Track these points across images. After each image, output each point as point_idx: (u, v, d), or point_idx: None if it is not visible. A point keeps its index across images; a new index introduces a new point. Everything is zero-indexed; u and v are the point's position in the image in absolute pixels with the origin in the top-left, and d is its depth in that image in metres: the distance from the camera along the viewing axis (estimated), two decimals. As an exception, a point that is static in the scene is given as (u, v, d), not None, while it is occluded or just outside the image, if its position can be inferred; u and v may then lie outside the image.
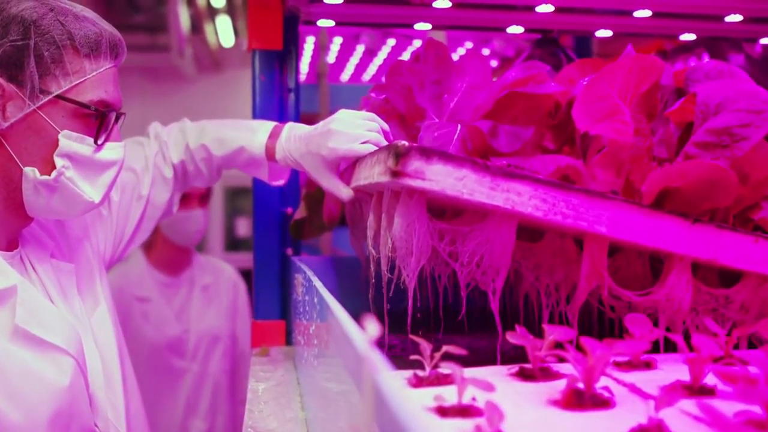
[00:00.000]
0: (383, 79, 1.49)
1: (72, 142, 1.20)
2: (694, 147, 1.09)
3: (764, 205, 1.17)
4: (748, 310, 1.13)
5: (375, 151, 1.17)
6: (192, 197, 2.71)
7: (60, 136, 1.19)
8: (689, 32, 1.88)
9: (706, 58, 1.81)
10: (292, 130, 1.46)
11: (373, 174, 1.12)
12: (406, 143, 1.00)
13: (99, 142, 1.22)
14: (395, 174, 1.00)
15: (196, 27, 5.86)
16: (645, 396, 0.88)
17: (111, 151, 1.25)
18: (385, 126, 1.35)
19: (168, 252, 2.82)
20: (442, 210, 1.17)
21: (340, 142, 1.32)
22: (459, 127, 1.27)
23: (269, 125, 1.50)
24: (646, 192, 1.10)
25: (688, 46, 1.91)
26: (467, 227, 1.08)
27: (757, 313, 1.13)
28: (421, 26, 1.87)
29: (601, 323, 1.28)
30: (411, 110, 1.42)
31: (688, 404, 0.82)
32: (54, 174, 1.19)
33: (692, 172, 1.03)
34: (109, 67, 1.24)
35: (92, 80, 1.21)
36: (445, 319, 1.29)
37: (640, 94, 1.10)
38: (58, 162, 1.19)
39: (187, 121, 1.58)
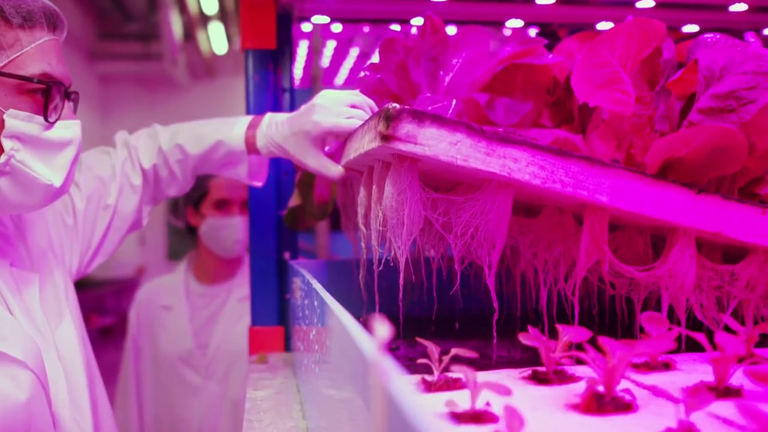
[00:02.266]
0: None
1: (19, 121, 1.12)
2: (698, 114, 1.04)
3: (770, 179, 1.12)
4: (754, 288, 1.08)
5: (365, 120, 1.12)
6: (233, 203, 2.48)
7: (5, 116, 1.11)
8: (692, 23, 1.85)
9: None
10: (273, 117, 1.42)
11: (363, 144, 1.07)
12: (398, 105, 0.95)
13: (50, 119, 1.14)
14: (386, 138, 0.95)
15: (189, 34, 5.85)
16: (670, 398, 0.83)
17: (64, 129, 1.17)
18: (371, 102, 1.31)
19: (210, 262, 2.59)
20: (436, 187, 1.12)
21: (324, 116, 1.28)
22: (454, 101, 1.23)
23: (247, 118, 1.47)
24: (649, 163, 1.06)
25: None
26: (462, 197, 1.03)
27: (763, 291, 1.08)
28: (418, 22, 1.83)
29: (601, 321, 1.24)
30: (404, 89, 1.37)
31: (715, 406, 0.77)
32: (3, 158, 1.11)
33: (698, 137, 0.98)
34: (48, 39, 1.17)
35: (31, 53, 1.14)
36: (437, 324, 1.25)
37: (641, 60, 1.06)
38: (6, 144, 1.11)
39: (157, 125, 1.53)
